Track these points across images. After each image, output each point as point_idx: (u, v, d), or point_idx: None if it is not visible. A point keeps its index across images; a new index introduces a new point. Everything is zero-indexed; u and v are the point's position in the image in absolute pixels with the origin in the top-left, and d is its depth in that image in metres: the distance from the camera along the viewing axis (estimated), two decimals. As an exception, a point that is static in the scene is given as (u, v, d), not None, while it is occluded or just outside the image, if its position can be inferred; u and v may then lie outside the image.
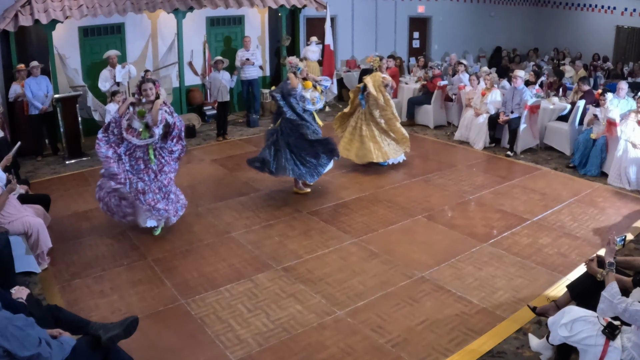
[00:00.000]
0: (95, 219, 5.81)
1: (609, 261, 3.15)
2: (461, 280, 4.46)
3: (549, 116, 8.34)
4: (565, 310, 3.07)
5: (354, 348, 3.62)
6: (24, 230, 4.51)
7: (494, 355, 3.54)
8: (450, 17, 14.67)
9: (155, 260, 4.87)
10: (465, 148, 8.52)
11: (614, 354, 2.80)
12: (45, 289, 4.40)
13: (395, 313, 4.01)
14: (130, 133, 5.09)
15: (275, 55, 11.26)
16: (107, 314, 3.99)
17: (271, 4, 9.98)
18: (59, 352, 2.66)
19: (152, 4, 8.78)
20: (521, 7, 16.81)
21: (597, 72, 12.76)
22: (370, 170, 7.36)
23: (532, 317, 3.84)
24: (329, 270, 4.66)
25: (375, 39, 13.31)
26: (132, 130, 5.09)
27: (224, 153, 8.29)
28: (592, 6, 15.74)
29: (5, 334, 2.46)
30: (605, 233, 5.32)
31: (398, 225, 5.60)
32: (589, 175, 7.12)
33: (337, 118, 7.63)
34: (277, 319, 3.95)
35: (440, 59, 13.86)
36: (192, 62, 10.00)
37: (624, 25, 14.97)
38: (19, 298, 3.13)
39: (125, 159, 5.12)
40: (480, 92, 8.67)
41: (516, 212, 5.91)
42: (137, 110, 5.07)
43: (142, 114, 5.06)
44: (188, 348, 3.63)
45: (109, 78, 8.24)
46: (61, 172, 7.55)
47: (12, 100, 8.01)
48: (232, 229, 5.52)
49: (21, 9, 7.76)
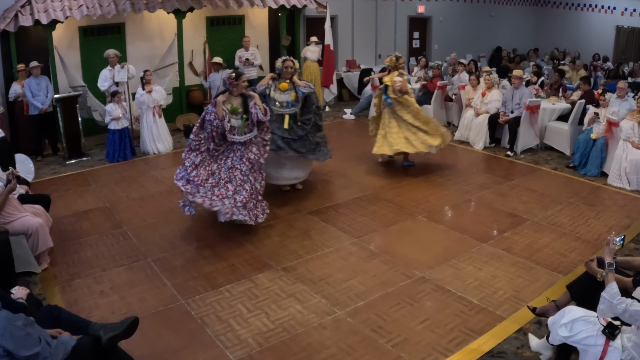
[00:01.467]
0: (95, 219, 5.82)
1: (608, 262, 3.15)
2: (461, 280, 4.46)
3: (549, 116, 8.34)
4: (565, 310, 3.07)
5: (354, 348, 3.62)
6: (24, 230, 4.51)
7: (494, 355, 3.54)
8: (450, 17, 14.67)
9: (155, 260, 4.87)
10: (465, 148, 8.52)
11: (614, 354, 2.80)
12: (45, 289, 4.40)
13: (395, 313, 4.01)
14: (231, 132, 5.16)
15: (275, 55, 11.26)
16: (107, 314, 3.99)
17: (271, 4, 9.99)
18: (59, 352, 2.66)
19: (152, 4, 8.78)
20: (521, 7, 16.82)
21: (597, 72, 12.76)
22: (371, 170, 7.37)
23: (532, 317, 3.84)
24: (329, 270, 4.66)
25: (375, 39, 13.31)
26: (232, 129, 5.15)
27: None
28: (592, 6, 15.75)
29: (6, 333, 2.46)
30: (605, 233, 5.32)
31: (398, 225, 5.60)
32: (589, 175, 7.12)
33: (371, 123, 7.68)
34: (277, 319, 3.95)
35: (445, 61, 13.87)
36: (192, 62, 10.01)
37: (624, 25, 14.99)
38: (19, 298, 3.13)
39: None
40: (480, 92, 8.68)
41: (516, 212, 5.91)
42: (231, 108, 5.12)
43: (236, 110, 5.13)
44: (188, 348, 3.63)
45: (109, 78, 8.24)
46: (61, 172, 7.56)
47: (12, 100, 8.01)
48: (232, 229, 5.52)
49: (21, 9, 7.77)
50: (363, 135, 9.63)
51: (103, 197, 6.50)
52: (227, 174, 5.21)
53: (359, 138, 9.32)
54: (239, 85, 5.17)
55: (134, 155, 8.17)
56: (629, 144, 6.64)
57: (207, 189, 5.14)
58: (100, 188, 6.82)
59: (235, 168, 5.21)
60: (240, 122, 5.16)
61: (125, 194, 6.59)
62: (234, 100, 5.19)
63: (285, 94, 5.99)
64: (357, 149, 8.45)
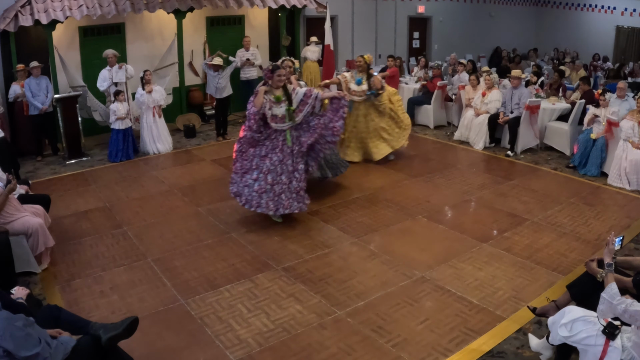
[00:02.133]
0: (95, 219, 5.82)
1: (607, 262, 3.15)
2: (461, 280, 4.46)
3: (549, 116, 8.34)
4: (565, 310, 3.07)
5: (354, 348, 3.62)
6: (24, 230, 4.51)
7: (494, 355, 3.54)
8: (450, 17, 14.67)
9: (155, 260, 4.87)
10: (465, 148, 8.52)
11: (614, 354, 2.80)
12: (45, 289, 4.40)
13: (395, 313, 4.01)
14: (273, 120, 5.30)
15: (275, 55, 11.26)
16: (107, 314, 3.99)
17: (271, 4, 9.99)
18: (59, 353, 2.66)
19: (152, 4, 8.78)
20: (521, 7, 16.82)
21: (597, 72, 12.76)
22: (371, 170, 7.36)
23: (532, 317, 3.84)
24: (329, 270, 4.66)
25: (375, 39, 13.31)
26: (273, 118, 5.30)
27: (224, 153, 8.28)
28: (592, 6, 15.76)
29: (5, 334, 2.46)
30: (605, 233, 5.32)
31: (398, 225, 5.60)
32: (589, 175, 7.12)
33: None
34: (277, 319, 3.95)
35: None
36: (192, 62, 10.01)
37: (624, 25, 14.99)
38: (19, 298, 3.13)
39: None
40: (480, 92, 8.68)
41: (516, 212, 5.91)
42: (274, 97, 5.27)
43: (279, 99, 5.28)
44: (188, 348, 3.63)
45: (107, 78, 8.24)
46: (61, 172, 7.56)
47: (12, 100, 8.01)
48: (232, 229, 5.52)
49: (21, 9, 7.77)
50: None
51: (103, 197, 6.50)
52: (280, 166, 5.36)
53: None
54: (273, 78, 5.26)
55: (137, 155, 8.18)
56: (629, 144, 6.64)
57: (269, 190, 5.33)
58: (100, 188, 6.82)
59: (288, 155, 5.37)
60: (284, 111, 5.31)
61: (125, 194, 6.59)
62: (275, 91, 5.32)
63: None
64: (357, 149, 8.45)
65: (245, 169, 5.43)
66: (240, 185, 5.45)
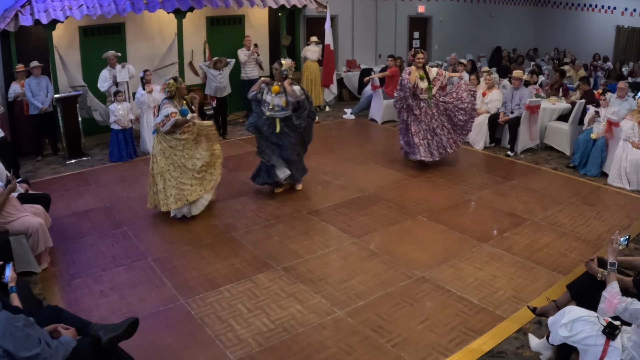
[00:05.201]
0: (95, 219, 5.82)
1: (610, 261, 3.14)
2: (461, 280, 4.46)
3: (549, 116, 8.34)
4: (565, 310, 3.07)
5: (354, 348, 3.62)
6: (24, 230, 4.51)
7: (494, 355, 3.54)
8: (450, 17, 14.66)
9: (155, 260, 4.87)
10: (465, 148, 8.52)
11: (614, 354, 2.80)
12: (45, 289, 4.40)
13: (395, 313, 4.01)
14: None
15: (275, 55, 11.25)
16: (107, 314, 3.99)
17: (271, 4, 9.98)
18: (59, 353, 2.65)
19: (152, 4, 8.77)
20: (521, 7, 16.81)
21: (597, 72, 12.75)
22: (371, 170, 7.37)
23: (532, 317, 3.84)
24: (329, 270, 4.66)
25: (375, 39, 13.31)
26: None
27: (224, 153, 8.15)
28: (592, 6, 15.75)
29: (5, 334, 2.46)
30: (605, 233, 5.33)
31: (398, 225, 5.60)
32: (589, 175, 7.12)
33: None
34: (277, 319, 3.95)
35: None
36: (192, 62, 10.00)
37: (624, 25, 14.98)
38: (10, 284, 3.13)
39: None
40: (480, 92, 8.67)
41: (516, 212, 5.91)
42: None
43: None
44: (188, 348, 3.63)
45: (108, 78, 8.24)
46: (61, 172, 7.55)
47: (12, 100, 8.01)
48: (232, 229, 5.52)
49: (21, 9, 7.76)
50: (363, 135, 9.66)
51: (103, 197, 6.50)
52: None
53: (359, 138, 9.34)
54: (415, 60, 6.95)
55: (137, 155, 8.18)
56: (629, 143, 6.64)
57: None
58: (100, 188, 6.82)
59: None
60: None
61: (125, 194, 6.59)
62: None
63: (277, 97, 6.05)
64: (357, 149, 8.46)
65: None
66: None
